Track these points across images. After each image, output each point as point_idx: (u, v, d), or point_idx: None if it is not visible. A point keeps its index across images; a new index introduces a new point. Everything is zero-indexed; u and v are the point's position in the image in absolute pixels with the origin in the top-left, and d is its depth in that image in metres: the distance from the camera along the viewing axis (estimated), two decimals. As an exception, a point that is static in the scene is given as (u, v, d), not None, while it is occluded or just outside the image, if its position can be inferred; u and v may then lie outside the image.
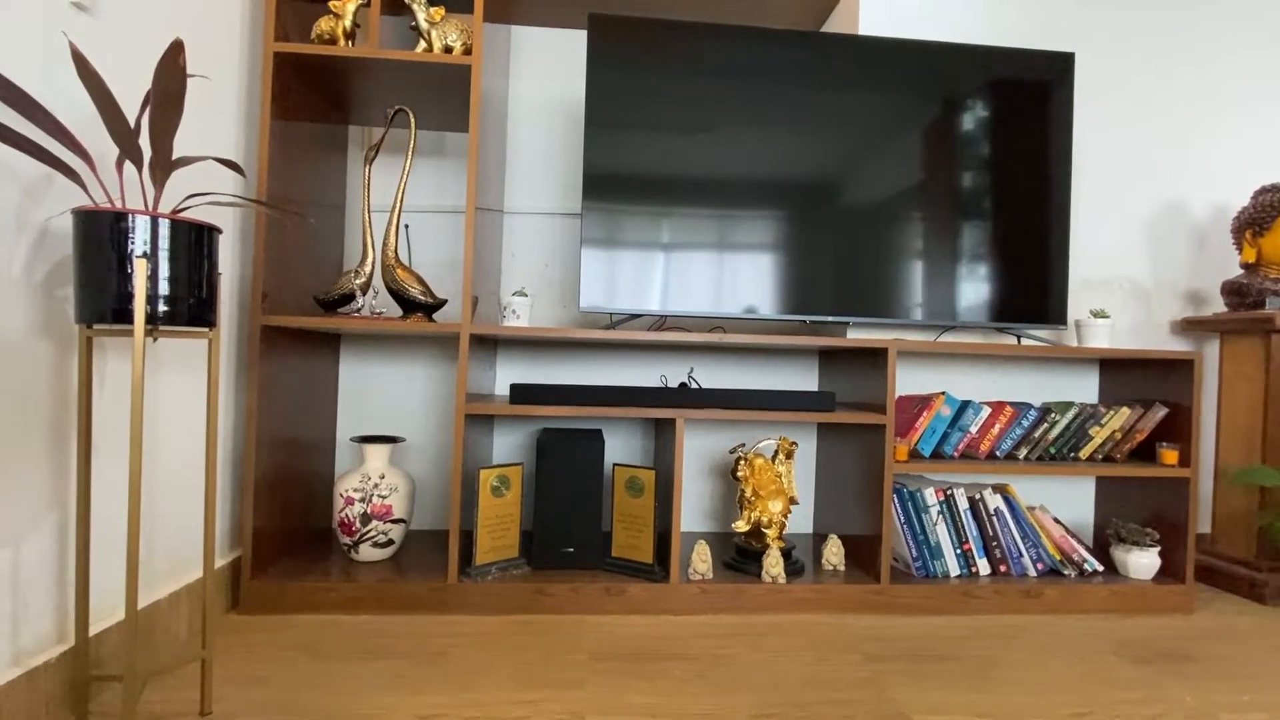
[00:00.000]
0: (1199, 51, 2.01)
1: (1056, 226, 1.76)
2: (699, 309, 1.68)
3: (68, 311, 1.02)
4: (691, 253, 1.68)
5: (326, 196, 1.78)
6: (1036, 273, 1.75)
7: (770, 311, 1.69)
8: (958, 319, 1.74)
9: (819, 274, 1.71)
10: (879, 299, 1.72)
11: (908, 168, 1.74)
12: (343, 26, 1.50)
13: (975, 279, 1.74)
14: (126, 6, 1.12)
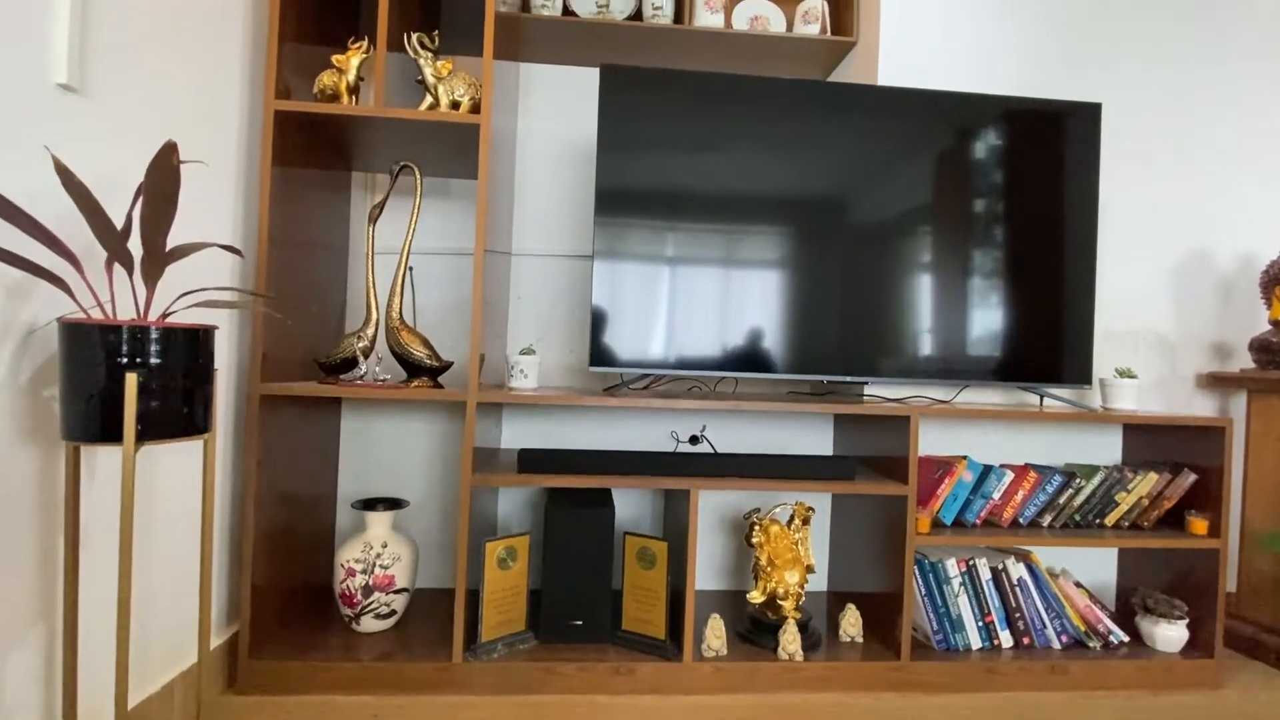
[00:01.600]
0: (1225, 98, 1.95)
1: (1081, 283, 1.70)
2: (711, 366, 1.63)
3: (55, 410, 0.96)
4: (704, 310, 1.63)
5: (329, 236, 1.72)
6: (1060, 330, 1.70)
7: (785, 369, 1.63)
8: (978, 377, 1.68)
9: (835, 331, 1.65)
10: (897, 356, 1.66)
11: (927, 222, 1.68)
12: (346, 82, 1.44)
13: (996, 336, 1.68)
14: (119, 80, 1.06)
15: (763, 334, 1.63)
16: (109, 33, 1.03)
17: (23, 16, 0.90)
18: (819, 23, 1.93)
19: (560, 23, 1.85)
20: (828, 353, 1.65)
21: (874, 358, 1.66)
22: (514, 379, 1.62)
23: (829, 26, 1.94)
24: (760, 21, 1.98)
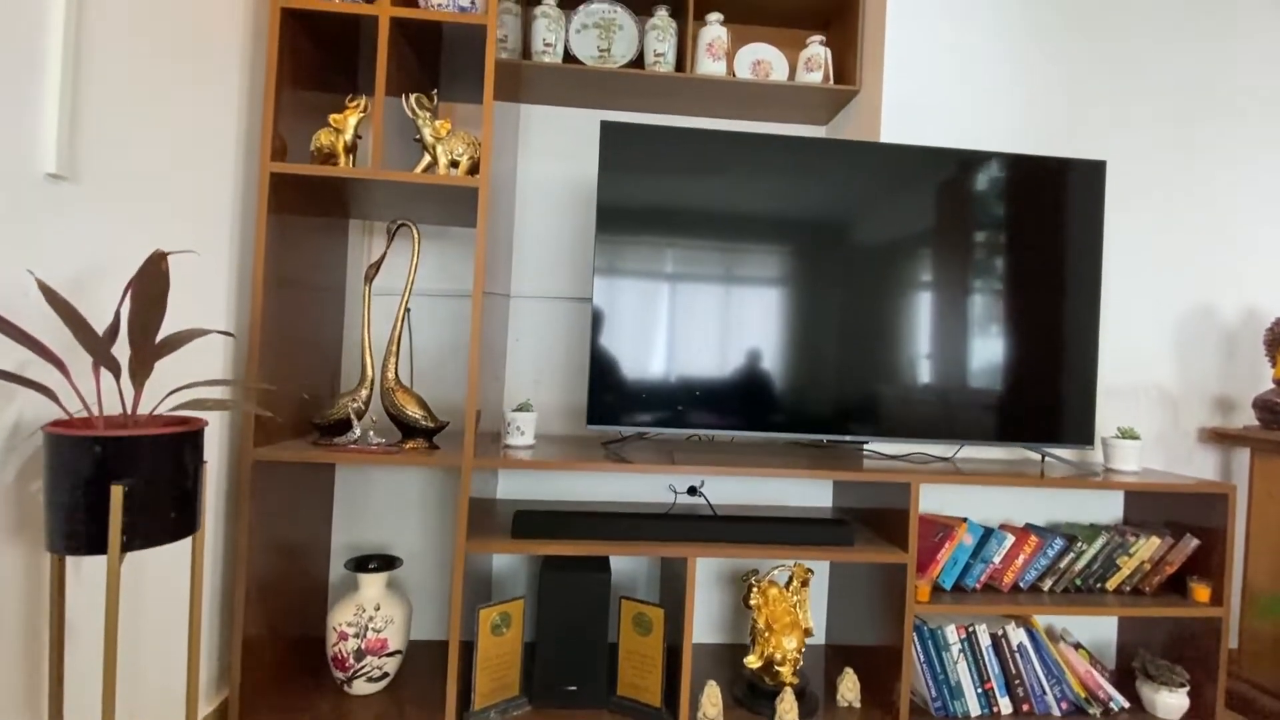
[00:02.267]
0: (1230, 151, 1.94)
1: (1085, 343, 1.69)
2: (711, 423, 1.61)
3: (39, 501, 0.94)
4: (705, 367, 1.61)
5: (325, 278, 1.70)
6: (1063, 391, 1.68)
7: (785, 428, 1.62)
8: (979, 436, 1.67)
9: (835, 390, 1.63)
10: (897, 415, 1.65)
11: (928, 278, 1.67)
12: (343, 141, 1.43)
13: (998, 395, 1.67)
14: (110, 160, 1.05)
15: (762, 391, 1.62)
16: (99, 116, 1.02)
17: (11, 107, 0.88)
18: (821, 70, 1.92)
19: (561, 70, 1.84)
20: (828, 411, 1.63)
21: (874, 417, 1.64)
22: (510, 436, 1.61)
23: (831, 74, 1.93)
24: (763, 66, 1.97)
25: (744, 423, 1.61)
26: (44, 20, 0.92)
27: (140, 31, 1.10)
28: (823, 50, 1.92)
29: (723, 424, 1.61)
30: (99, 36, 1.01)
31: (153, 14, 1.13)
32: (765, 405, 1.61)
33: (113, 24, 1.04)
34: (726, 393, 1.61)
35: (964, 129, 1.83)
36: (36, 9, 0.91)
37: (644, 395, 1.59)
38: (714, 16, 1.89)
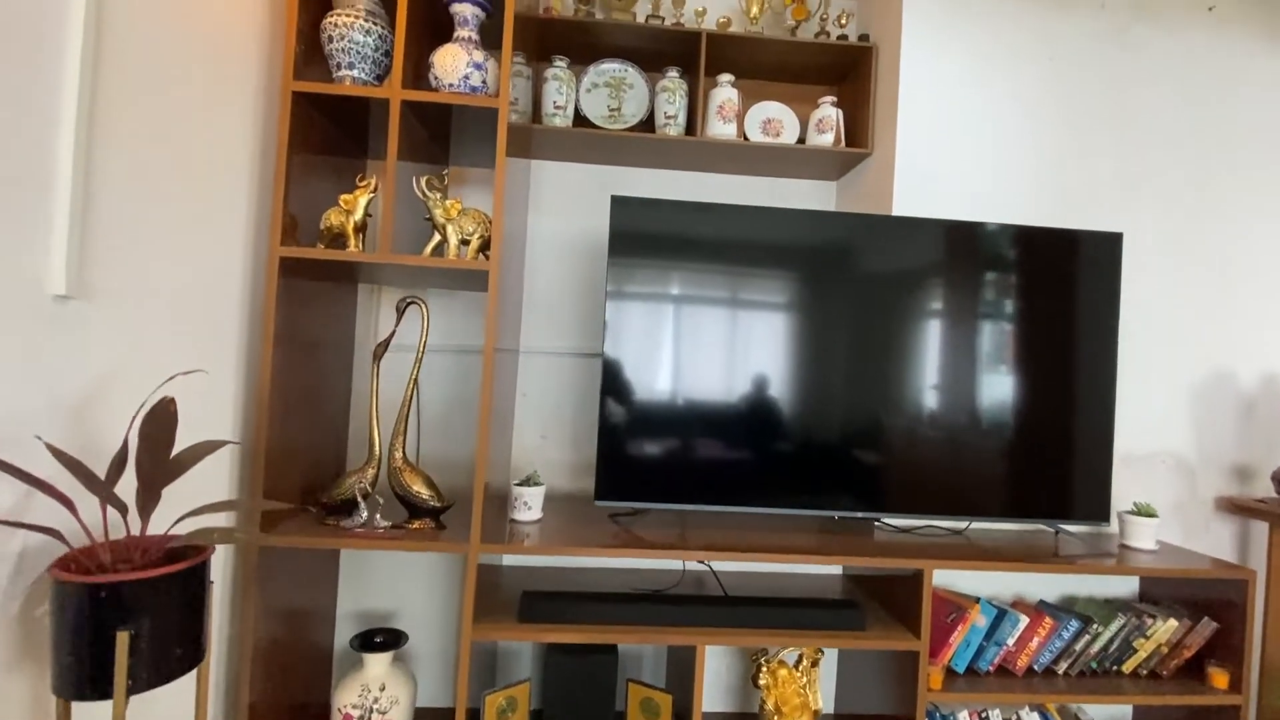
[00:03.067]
0: (1243, 216, 1.91)
1: (1100, 418, 1.66)
2: (722, 498, 1.59)
3: (45, 625, 0.93)
4: (713, 448, 1.59)
5: (334, 343, 1.69)
6: (1077, 466, 1.66)
7: (796, 504, 1.60)
8: (993, 512, 1.64)
9: (847, 466, 1.61)
10: (909, 491, 1.62)
11: (941, 352, 1.65)
12: (353, 222, 1.42)
13: (1012, 470, 1.64)
14: (119, 268, 1.04)
15: (774, 469, 1.60)
16: (107, 229, 1.01)
17: (20, 231, 0.87)
18: (833, 131, 1.90)
19: (572, 133, 1.83)
20: (839, 487, 1.61)
21: (885, 492, 1.62)
22: (517, 511, 1.59)
23: (843, 136, 1.91)
24: (773, 125, 1.95)
25: (755, 499, 1.59)
26: (55, 141, 0.91)
27: (150, 134, 1.10)
28: (834, 112, 1.90)
29: (733, 500, 1.59)
30: (109, 149, 1.00)
31: (163, 115, 1.13)
32: (776, 482, 1.59)
33: (123, 133, 1.03)
34: (737, 470, 1.59)
35: (977, 193, 1.80)
36: (47, 128, 0.90)
37: (652, 471, 1.58)
38: (725, 78, 1.88)
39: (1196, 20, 1.88)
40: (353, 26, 1.38)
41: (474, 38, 1.46)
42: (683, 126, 1.87)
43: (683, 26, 1.85)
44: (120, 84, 1.01)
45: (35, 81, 0.88)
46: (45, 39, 0.89)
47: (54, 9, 0.90)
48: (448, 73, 1.41)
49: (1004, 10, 1.80)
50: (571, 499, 1.91)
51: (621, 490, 1.56)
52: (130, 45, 1.03)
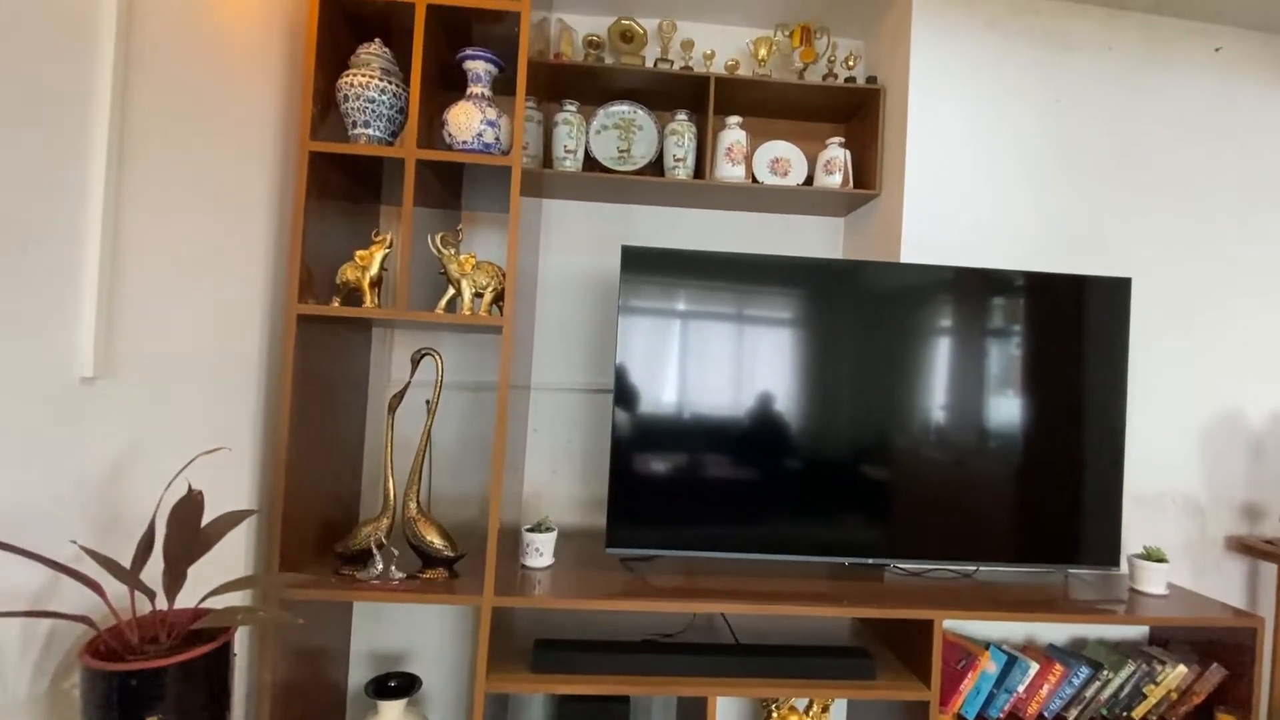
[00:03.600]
0: (1250, 254, 1.92)
1: (1110, 461, 1.67)
2: (730, 546, 1.60)
3: (74, 697, 0.95)
4: (723, 500, 1.61)
5: (348, 379, 1.71)
6: (1087, 510, 1.66)
7: (807, 550, 1.61)
8: (1004, 557, 1.65)
9: (857, 513, 1.62)
10: (919, 538, 1.63)
11: (950, 396, 1.66)
12: (369, 278, 1.44)
13: (1021, 514, 1.65)
14: (143, 344, 1.06)
15: (784, 515, 1.61)
16: (133, 308, 1.03)
17: (50, 315, 0.89)
18: (841, 173, 1.92)
19: (583, 177, 1.85)
20: (850, 534, 1.62)
21: (895, 538, 1.63)
22: (529, 557, 1.61)
23: (851, 176, 1.93)
24: (781, 164, 1.97)
25: (766, 547, 1.60)
26: (84, 222, 0.93)
27: (173, 202, 1.12)
28: (842, 153, 1.92)
29: (744, 548, 1.60)
30: (134, 223, 1.02)
31: (186, 182, 1.15)
32: (787, 530, 1.60)
33: (147, 205, 1.05)
34: (747, 519, 1.60)
35: (985, 234, 1.81)
36: (76, 209, 0.92)
37: (663, 519, 1.59)
38: (733, 120, 1.89)
39: (1203, 62, 1.89)
40: (368, 86, 1.40)
41: (486, 94, 1.48)
42: (691, 169, 1.89)
43: (691, 70, 1.87)
44: (145, 154, 1.04)
45: (65, 163, 0.90)
46: (75, 115, 0.92)
47: (81, 85, 0.92)
48: (461, 130, 1.43)
49: (1010, 53, 1.82)
50: (582, 535, 1.93)
51: (633, 538, 1.58)
52: (154, 116, 1.06)
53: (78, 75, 0.91)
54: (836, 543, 1.61)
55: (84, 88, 0.92)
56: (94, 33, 0.93)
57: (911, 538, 1.63)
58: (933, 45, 1.79)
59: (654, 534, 1.59)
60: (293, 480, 1.40)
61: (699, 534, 1.60)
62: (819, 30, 1.95)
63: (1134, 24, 1.85)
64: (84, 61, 0.92)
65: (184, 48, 1.11)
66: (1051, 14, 1.82)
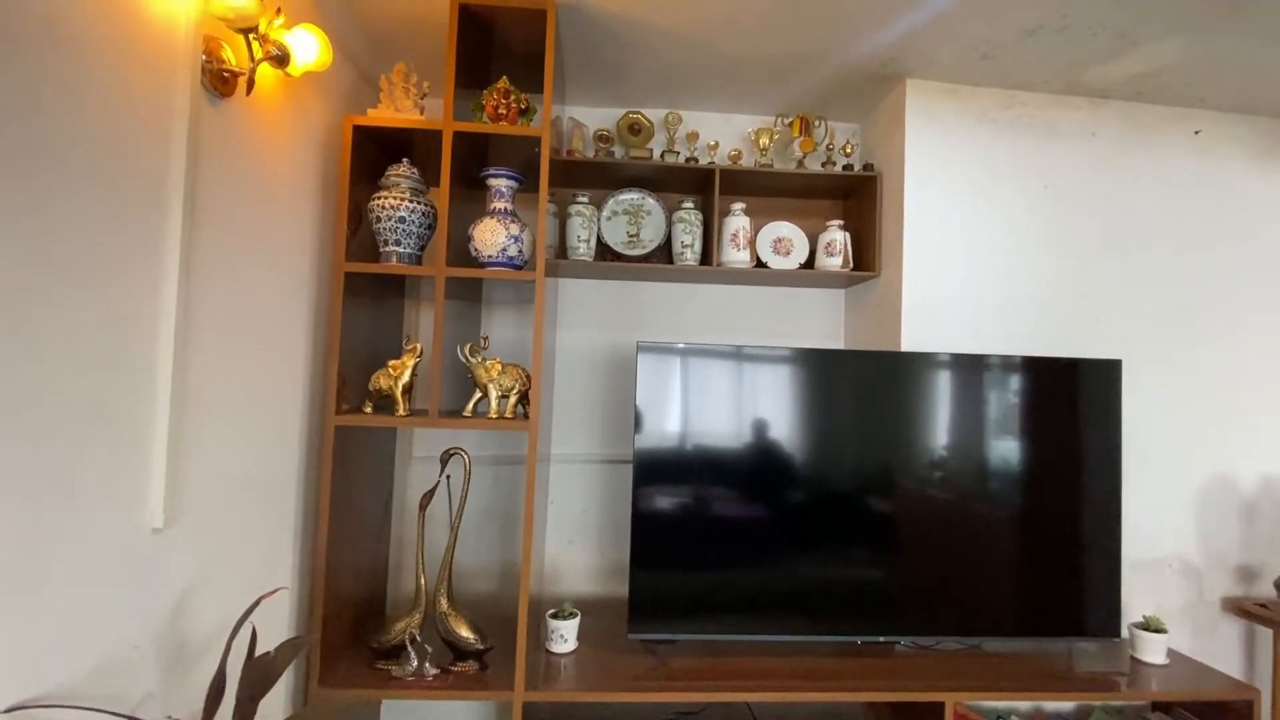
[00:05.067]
0: (1235, 328, 2.00)
1: (1107, 535, 1.74)
2: (747, 629, 1.67)
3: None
4: (742, 584, 1.68)
5: (378, 470, 1.79)
6: (1087, 583, 1.73)
7: (819, 631, 1.68)
8: (1005, 630, 1.72)
9: (866, 595, 1.70)
10: (927, 614, 1.70)
11: (949, 475, 1.74)
12: (401, 386, 1.52)
13: (1023, 590, 1.72)
14: (204, 492, 1.14)
15: (800, 601, 1.68)
16: (194, 460, 1.11)
17: (126, 480, 0.97)
18: (841, 255, 2.01)
19: (596, 265, 1.94)
20: (862, 615, 1.69)
21: (906, 617, 1.70)
22: (553, 643, 1.67)
23: (850, 258, 2.02)
24: (784, 244, 2.06)
25: (783, 629, 1.67)
26: (154, 386, 1.01)
27: (227, 343, 1.20)
28: (841, 236, 2.01)
29: (762, 630, 1.67)
30: (194, 377, 1.10)
31: (237, 320, 1.23)
32: (803, 614, 1.67)
33: (205, 348, 1.13)
34: (765, 603, 1.67)
35: (981, 315, 1.89)
36: (150, 388, 1.00)
37: (682, 604, 1.66)
38: (737, 206, 1.99)
39: (1183, 145, 1.99)
40: (398, 207, 1.49)
41: (509, 208, 1.57)
42: (699, 253, 1.98)
43: (696, 162, 1.96)
44: (203, 306, 1.11)
45: (138, 343, 0.98)
46: (149, 299, 1.00)
47: (152, 256, 1.00)
48: (487, 245, 1.52)
49: (1000, 142, 1.91)
50: (602, 607, 1.99)
51: (654, 624, 1.64)
52: (211, 269, 1.13)
53: (148, 246, 0.99)
54: (851, 623, 1.68)
55: (155, 260, 1.01)
56: (164, 206, 1.02)
57: (920, 615, 1.70)
58: (926, 136, 1.88)
59: (674, 619, 1.65)
60: (330, 577, 1.47)
61: (718, 620, 1.66)
62: (817, 119, 2.05)
63: (1116, 111, 1.95)
64: (153, 237, 1.00)
65: (235, 197, 1.20)
66: (1038, 105, 1.92)
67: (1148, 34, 1.60)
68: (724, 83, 1.94)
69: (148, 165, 0.98)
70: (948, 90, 1.88)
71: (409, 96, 1.52)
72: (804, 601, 1.68)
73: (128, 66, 0.93)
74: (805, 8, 1.52)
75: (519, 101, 1.55)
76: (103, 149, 0.89)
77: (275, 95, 1.30)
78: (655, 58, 1.79)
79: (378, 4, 1.53)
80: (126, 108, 0.93)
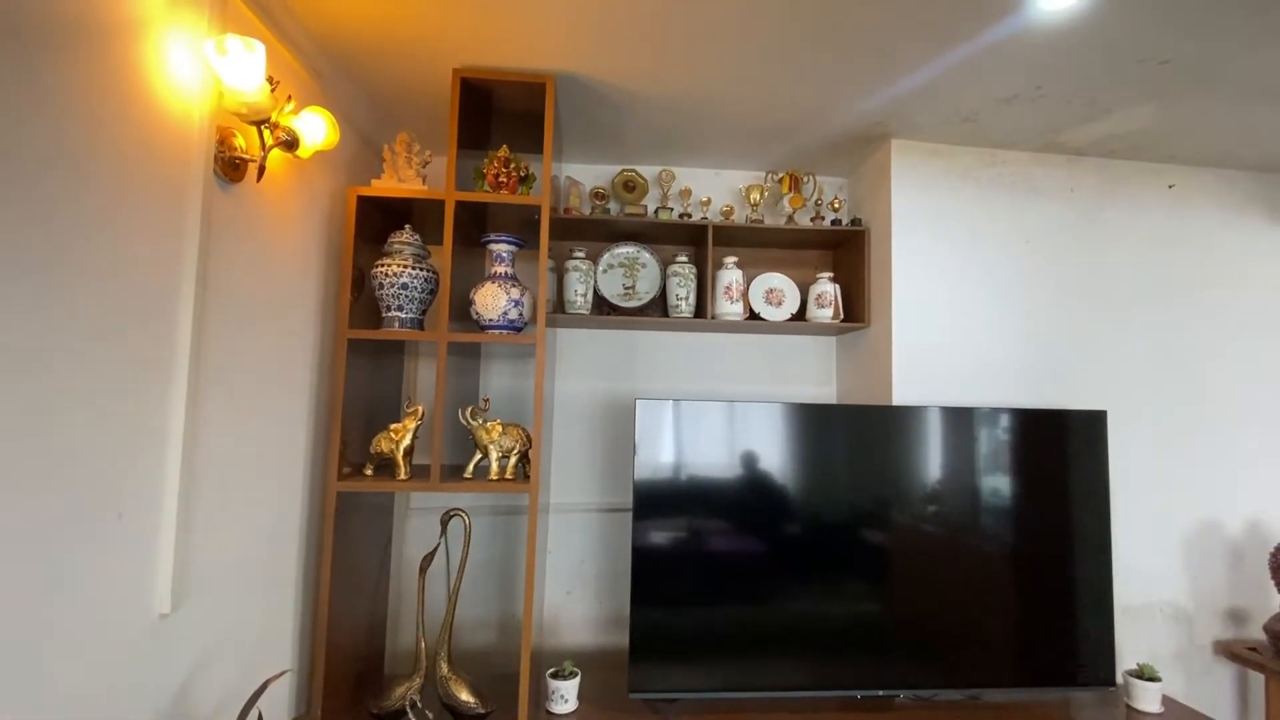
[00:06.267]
0: (1214, 375, 2.06)
1: (1098, 585, 1.77)
2: (751, 690, 1.68)
3: None
4: (743, 641, 1.69)
5: (376, 528, 1.79)
6: (1080, 634, 1.76)
7: (817, 686, 1.69)
8: (1002, 681, 1.73)
9: (866, 650, 1.71)
10: (925, 668, 1.72)
11: (941, 527, 1.76)
12: (403, 449, 1.53)
13: (1019, 643, 1.74)
14: (209, 572, 1.15)
15: (803, 657, 1.69)
16: (201, 551, 1.12)
17: (135, 569, 0.98)
18: (831, 307, 2.06)
19: (593, 317, 1.98)
20: (865, 668, 1.70)
21: (905, 670, 1.71)
22: (554, 703, 1.66)
23: (841, 309, 2.07)
24: (775, 295, 2.11)
25: (784, 685, 1.68)
26: (163, 471, 1.03)
27: (233, 422, 1.21)
28: (831, 288, 2.07)
29: (764, 687, 1.68)
30: (201, 458, 1.12)
31: (244, 397, 1.25)
32: (805, 670, 1.68)
33: (213, 441, 1.15)
34: (767, 661, 1.68)
35: (970, 365, 1.93)
36: (156, 471, 1.02)
37: (684, 662, 1.66)
38: (730, 259, 2.04)
39: (1159, 199, 2.06)
40: (400, 274, 1.52)
41: (509, 271, 1.60)
42: (693, 305, 2.02)
43: (690, 217, 2.02)
44: (213, 391, 1.13)
45: (148, 441, 1.00)
46: (159, 393, 1.02)
47: (165, 349, 1.02)
48: (488, 309, 1.55)
49: (983, 199, 1.98)
50: (602, 661, 1.98)
51: (655, 683, 1.65)
52: (220, 355, 1.16)
53: (160, 337, 1.01)
54: (851, 676, 1.69)
55: (167, 351, 1.03)
56: (176, 295, 1.04)
57: (919, 668, 1.71)
58: (911, 193, 1.95)
59: (676, 676, 1.66)
60: (331, 646, 1.47)
61: (720, 676, 1.67)
62: (805, 175, 2.11)
63: (1092, 167, 2.03)
64: (165, 327, 1.02)
65: (243, 275, 1.22)
66: (1018, 163, 1.99)
67: (1120, 102, 1.67)
68: (716, 143, 2.00)
69: (159, 254, 1.01)
70: (931, 150, 1.95)
71: (411, 166, 1.56)
72: (803, 650, 1.69)
73: (143, 160, 0.96)
74: (792, 81, 1.59)
75: (519, 169, 1.59)
76: (114, 241, 0.92)
77: (283, 175, 1.34)
78: (649, 121, 1.85)
79: (380, 74, 1.58)
80: (140, 200, 0.96)
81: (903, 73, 1.54)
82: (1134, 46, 1.43)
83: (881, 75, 1.55)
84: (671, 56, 1.48)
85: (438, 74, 1.55)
